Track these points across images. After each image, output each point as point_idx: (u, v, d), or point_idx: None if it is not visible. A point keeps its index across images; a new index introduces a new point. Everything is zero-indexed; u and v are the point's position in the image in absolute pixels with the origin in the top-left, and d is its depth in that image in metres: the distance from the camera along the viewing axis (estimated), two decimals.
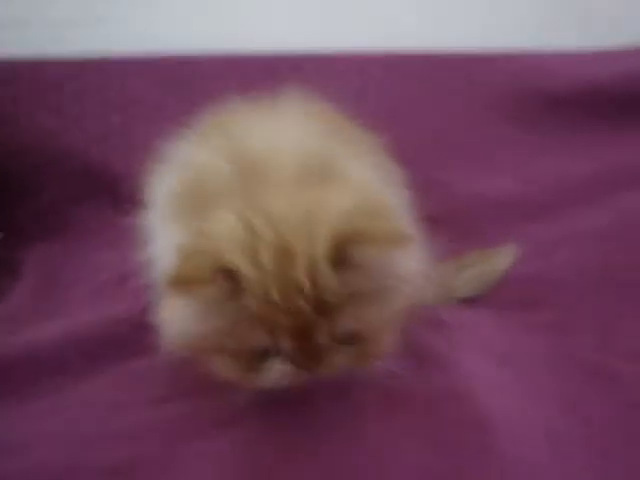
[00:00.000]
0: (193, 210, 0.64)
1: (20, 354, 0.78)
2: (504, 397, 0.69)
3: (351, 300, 0.58)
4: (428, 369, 0.74)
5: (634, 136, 1.12)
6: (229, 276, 0.55)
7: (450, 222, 1.10)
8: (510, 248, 0.99)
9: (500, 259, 0.97)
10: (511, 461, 0.60)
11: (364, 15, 1.25)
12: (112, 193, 1.16)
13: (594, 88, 1.15)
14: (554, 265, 0.95)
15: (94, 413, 0.70)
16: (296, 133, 0.69)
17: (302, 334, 0.57)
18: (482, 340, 0.82)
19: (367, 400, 0.69)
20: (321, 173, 0.64)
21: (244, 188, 0.62)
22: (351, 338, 0.60)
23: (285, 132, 0.69)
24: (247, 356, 0.60)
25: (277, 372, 0.60)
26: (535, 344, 0.82)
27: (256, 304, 0.56)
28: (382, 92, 1.12)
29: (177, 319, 0.61)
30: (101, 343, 0.82)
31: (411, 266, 0.65)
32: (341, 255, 0.56)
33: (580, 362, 0.76)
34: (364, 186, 0.66)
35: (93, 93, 1.20)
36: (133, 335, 0.83)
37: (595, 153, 1.13)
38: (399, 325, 0.67)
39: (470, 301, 0.94)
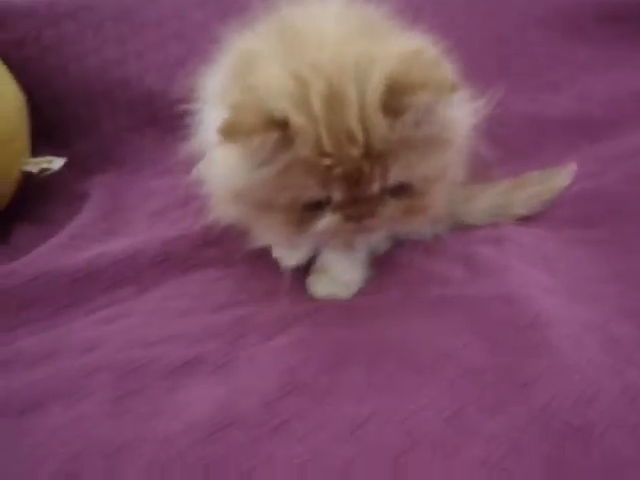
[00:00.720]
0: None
1: (85, 268, 0.82)
2: (558, 302, 0.69)
3: (402, 148, 0.58)
4: (480, 275, 0.75)
5: None
6: (280, 125, 0.55)
7: (509, 142, 1.08)
8: (569, 167, 0.96)
9: (558, 178, 0.95)
10: (566, 360, 0.60)
11: None
12: (171, 121, 1.18)
13: None
14: (611, 182, 0.92)
15: (156, 320, 0.74)
16: (341, 11, 0.68)
17: (354, 183, 0.57)
18: (537, 252, 0.82)
19: (418, 299, 0.71)
20: (368, 35, 0.63)
21: (291, 51, 0.61)
22: (401, 190, 0.61)
23: (330, 11, 0.67)
24: (297, 210, 0.60)
25: (328, 223, 0.61)
26: (591, 258, 0.81)
27: (307, 152, 0.56)
28: (436, 9, 1.09)
29: (229, 171, 0.62)
30: (162, 258, 0.85)
31: (461, 117, 0.65)
32: (393, 101, 0.56)
33: (635, 272, 0.75)
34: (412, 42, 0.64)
35: (153, 24, 1.22)
36: (193, 251, 0.87)
37: None
38: (448, 184, 0.67)
39: (527, 219, 0.93)
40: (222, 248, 0.87)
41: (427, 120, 0.59)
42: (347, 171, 0.57)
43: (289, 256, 0.78)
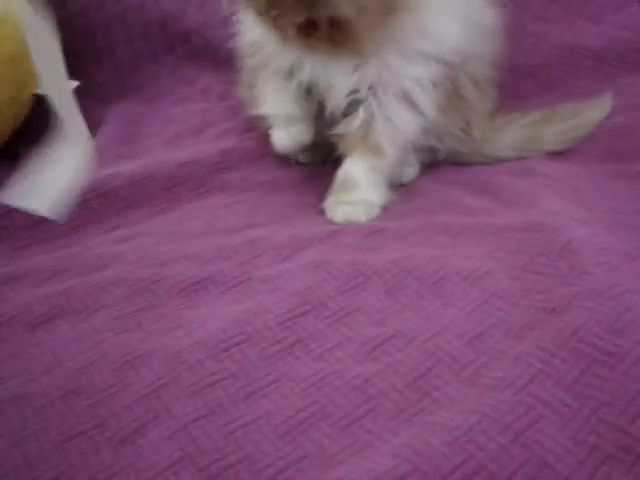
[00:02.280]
0: None
1: (99, 188, 0.80)
2: (592, 232, 0.65)
3: None
4: (507, 204, 0.73)
5: None
6: None
7: (542, 73, 1.04)
8: (604, 100, 0.92)
9: (593, 111, 0.91)
10: (599, 287, 0.56)
11: None
12: (189, 47, 1.15)
13: None
14: None
15: (168, 241, 0.71)
16: None
17: None
18: (569, 186, 0.78)
19: (442, 225, 0.69)
20: None
21: None
22: None
23: None
24: None
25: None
26: (626, 191, 0.77)
27: None
28: None
29: None
30: (176, 182, 0.83)
31: None
32: None
33: None
34: None
35: None
36: (207, 175, 0.84)
37: None
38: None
39: (558, 154, 0.89)
40: (237, 173, 0.84)
41: None
42: None
43: (285, 134, 0.79)
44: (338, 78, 0.73)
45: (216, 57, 1.07)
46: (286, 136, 0.79)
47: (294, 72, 0.75)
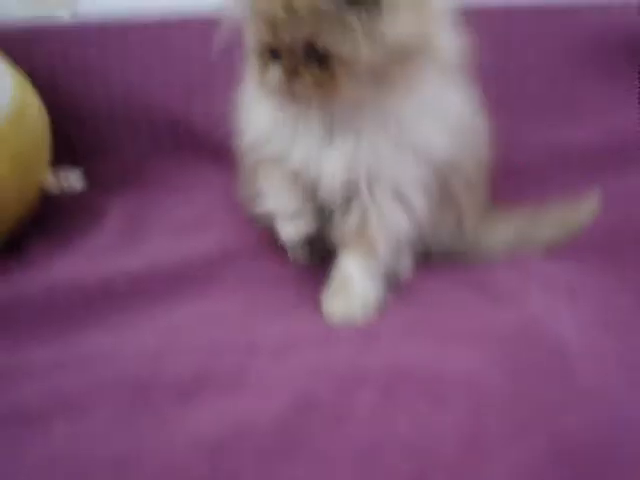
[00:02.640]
0: None
1: (100, 283, 0.81)
2: (584, 331, 0.67)
3: (330, 17, 0.66)
4: (500, 301, 0.74)
5: None
6: None
7: (532, 172, 1.08)
8: (593, 198, 0.95)
9: (584, 207, 0.94)
10: (591, 389, 0.57)
11: None
12: (193, 145, 1.19)
13: None
14: (636, 216, 0.90)
15: (167, 335, 0.72)
16: None
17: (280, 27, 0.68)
18: (562, 282, 0.80)
19: (436, 323, 0.70)
20: None
21: None
22: (322, 59, 0.68)
23: None
24: (262, 55, 0.72)
25: (273, 72, 0.71)
26: (620, 288, 0.79)
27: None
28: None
29: None
30: (177, 275, 0.84)
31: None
32: None
33: None
34: None
35: (178, 51, 1.23)
36: (207, 269, 0.86)
37: None
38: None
39: (551, 249, 0.91)
40: (236, 268, 0.86)
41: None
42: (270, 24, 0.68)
43: (291, 228, 0.82)
44: (330, 166, 0.76)
45: (219, 152, 1.11)
46: (293, 229, 0.82)
47: (287, 157, 0.78)
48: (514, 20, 1.18)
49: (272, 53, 0.71)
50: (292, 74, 0.70)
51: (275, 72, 0.71)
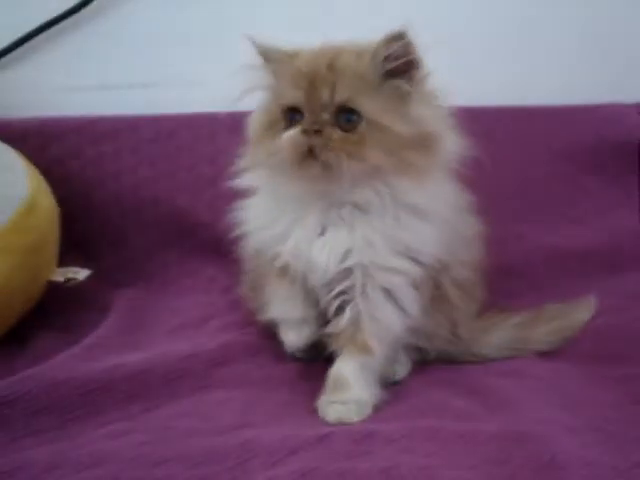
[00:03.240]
0: None
1: (99, 380, 0.82)
2: (579, 442, 0.67)
3: (364, 83, 0.74)
4: (496, 410, 0.74)
5: None
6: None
7: (528, 273, 1.09)
8: (589, 300, 0.96)
9: (579, 312, 0.95)
10: None
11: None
12: (197, 240, 1.22)
13: None
14: (635, 317, 0.91)
15: (162, 439, 0.72)
16: None
17: (311, 90, 0.74)
18: (557, 389, 0.80)
19: (432, 431, 0.70)
20: None
21: None
22: (349, 123, 0.73)
23: None
24: (280, 116, 0.77)
25: (290, 134, 0.74)
26: (616, 397, 0.79)
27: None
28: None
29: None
30: (175, 376, 0.85)
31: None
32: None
33: None
34: None
35: (186, 147, 1.29)
36: (206, 370, 0.87)
37: None
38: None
39: (548, 354, 0.92)
40: (235, 368, 0.87)
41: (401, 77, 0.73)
42: (308, 81, 0.74)
43: (294, 335, 0.83)
44: (322, 259, 0.78)
45: (221, 250, 1.14)
46: (298, 338, 0.84)
47: (281, 247, 0.81)
48: (512, 119, 1.23)
49: (291, 115, 0.76)
50: (314, 134, 0.73)
51: (293, 133, 0.74)
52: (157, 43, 1.35)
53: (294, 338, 0.84)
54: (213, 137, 1.28)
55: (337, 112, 0.74)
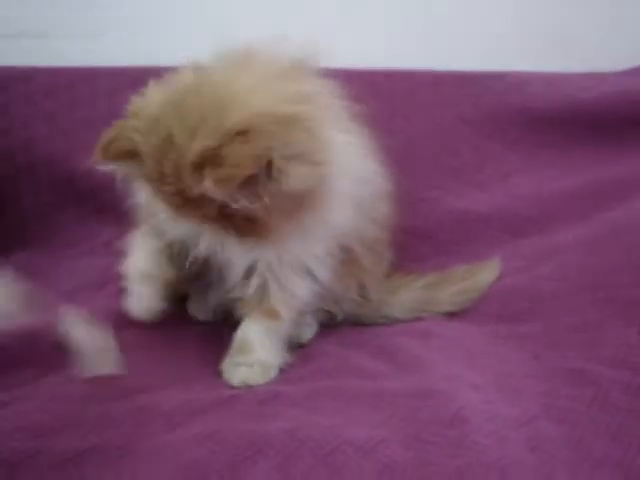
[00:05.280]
0: None
1: None
2: (482, 398, 0.67)
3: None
4: (401, 369, 0.74)
5: (614, 154, 1.12)
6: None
7: (436, 237, 1.10)
8: (495, 262, 0.98)
9: (485, 273, 0.96)
10: (487, 459, 0.57)
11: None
12: (95, 201, 1.15)
13: (576, 108, 1.15)
14: (537, 278, 0.93)
15: (52, 406, 0.67)
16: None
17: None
18: (462, 347, 0.81)
19: (337, 391, 0.69)
20: None
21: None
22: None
23: None
24: None
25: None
26: (518, 353, 0.80)
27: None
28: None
29: None
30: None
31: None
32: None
33: (563, 369, 0.74)
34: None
35: (84, 103, 1.20)
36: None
37: (577, 170, 1.11)
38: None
39: (455, 314, 0.93)
40: (134, 331, 0.82)
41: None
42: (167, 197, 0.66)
43: (136, 301, 0.78)
44: (236, 256, 0.75)
45: (120, 212, 1.08)
46: (137, 301, 0.78)
47: (189, 244, 0.76)
48: (416, 86, 1.23)
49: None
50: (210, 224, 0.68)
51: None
52: None
53: (134, 302, 0.78)
54: (113, 93, 1.20)
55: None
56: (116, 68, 1.22)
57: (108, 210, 1.13)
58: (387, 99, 1.19)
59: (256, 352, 0.75)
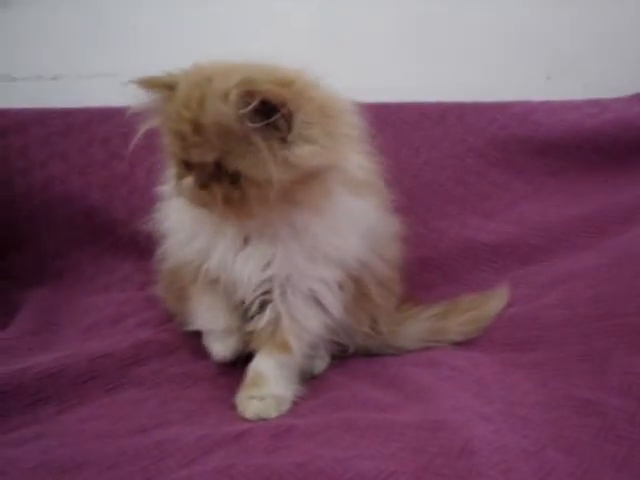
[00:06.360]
0: None
1: (7, 383, 0.78)
2: (491, 428, 0.68)
3: (237, 138, 0.68)
4: (411, 400, 0.75)
5: (619, 179, 1.14)
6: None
7: (443, 266, 1.12)
8: (502, 290, 0.99)
9: (493, 302, 0.98)
10: None
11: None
12: (111, 238, 1.18)
13: (579, 135, 1.18)
14: (545, 306, 0.94)
15: (72, 442, 0.69)
16: None
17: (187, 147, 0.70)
18: (471, 376, 0.82)
19: (349, 423, 0.70)
20: None
21: None
22: (235, 177, 0.70)
23: None
24: (178, 166, 0.74)
25: (186, 182, 0.72)
26: (526, 382, 0.81)
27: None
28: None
29: None
30: (87, 377, 0.82)
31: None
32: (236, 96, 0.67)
33: (570, 398, 0.75)
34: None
35: (98, 142, 1.24)
36: (119, 370, 0.84)
37: (583, 197, 1.14)
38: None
39: (463, 343, 0.94)
40: (150, 367, 0.85)
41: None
42: (180, 141, 0.71)
43: (220, 346, 0.84)
44: (245, 271, 0.78)
45: (139, 246, 1.11)
46: (224, 348, 0.84)
47: (205, 261, 0.80)
48: (423, 117, 1.25)
49: (185, 164, 0.73)
50: (203, 187, 0.72)
51: (189, 182, 0.72)
52: (65, 35, 1.31)
53: (220, 349, 0.84)
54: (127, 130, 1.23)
55: (216, 170, 0.71)
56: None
57: (123, 247, 1.17)
58: (394, 131, 1.21)
59: (269, 386, 0.77)
